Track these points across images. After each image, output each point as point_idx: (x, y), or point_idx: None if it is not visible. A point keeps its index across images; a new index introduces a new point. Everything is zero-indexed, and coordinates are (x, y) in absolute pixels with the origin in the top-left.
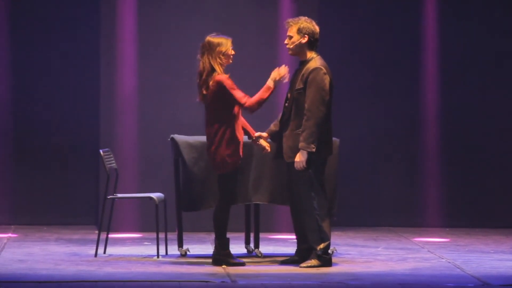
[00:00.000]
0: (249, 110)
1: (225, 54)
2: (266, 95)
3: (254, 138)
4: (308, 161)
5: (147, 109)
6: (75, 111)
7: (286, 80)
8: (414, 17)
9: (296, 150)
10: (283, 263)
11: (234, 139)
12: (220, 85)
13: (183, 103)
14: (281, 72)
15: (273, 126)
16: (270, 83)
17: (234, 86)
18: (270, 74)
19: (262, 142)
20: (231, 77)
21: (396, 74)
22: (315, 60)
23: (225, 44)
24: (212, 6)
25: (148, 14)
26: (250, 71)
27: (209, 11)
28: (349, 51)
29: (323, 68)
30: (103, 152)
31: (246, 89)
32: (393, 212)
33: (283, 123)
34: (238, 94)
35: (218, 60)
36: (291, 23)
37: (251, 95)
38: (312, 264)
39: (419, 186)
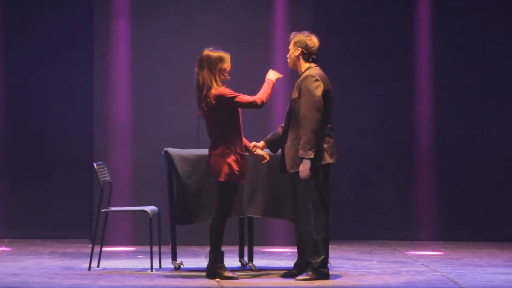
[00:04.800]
0: (262, 105)
1: (225, 70)
2: (270, 90)
3: (251, 149)
4: (313, 169)
5: (141, 122)
6: (69, 125)
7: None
8: (408, 24)
9: (297, 160)
10: (282, 276)
11: (236, 149)
12: (221, 98)
13: (177, 116)
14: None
15: (270, 136)
16: (271, 76)
17: (235, 93)
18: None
19: (259, 151)
20: (228, 85)
21: (390, 86)
22: (309, 70)
23: (226, 60)
24: (206, 18)
25: (142, 27)
26: (244, 80)
27: (203, 22)
28: (341, 59)
29: (315, 75)
30: (97, 165)
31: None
32: (387, 225)
33: (284, 135)
34: (244, 98)
35: (219, 76)
36: (291, 37)
37: (245, 111)
38: (308, 277)
39: (413, 199)
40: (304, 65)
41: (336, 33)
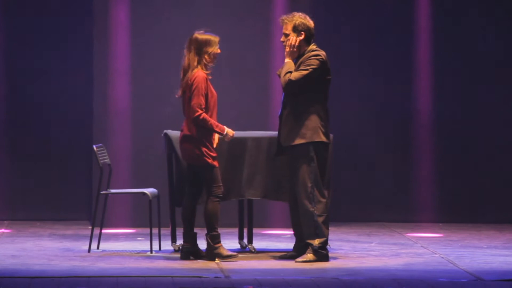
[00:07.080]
0: (194, 120)
1: (211, 54)
2: (215, 127)
3: (223, 134)
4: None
5: (140, 104)
6: (68, 107)
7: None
8: (408, 15)
9: (292, 134)
10: (281, 258)
11: (206, 133)
12: (196, 81)
13: (176, 99)
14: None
15: None
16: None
17: (202, 92)
18: (262, 69)
19: (229, 131)
20: (219, 75)
21: (391, 70)
22: (318, 50)
23: (213, 43)
24: (206, 2)
25: (141, 9)
26: (243, 65)
27: (202, 6)
28: (341, 48)
29: (323, 57)
30: (97, 147)
31: (238, 84)
32: (386, 207)
33: (282, 114)
34: (195, 106)
35: (204, 60)
36: (286, 21)
37: (244, 92)
38: (308, 259)
39: (412, 181)
40: (306, 46)
41: (335, 32)
